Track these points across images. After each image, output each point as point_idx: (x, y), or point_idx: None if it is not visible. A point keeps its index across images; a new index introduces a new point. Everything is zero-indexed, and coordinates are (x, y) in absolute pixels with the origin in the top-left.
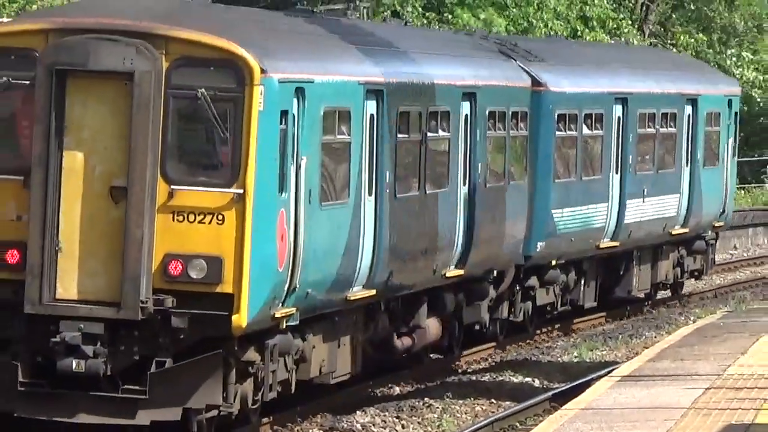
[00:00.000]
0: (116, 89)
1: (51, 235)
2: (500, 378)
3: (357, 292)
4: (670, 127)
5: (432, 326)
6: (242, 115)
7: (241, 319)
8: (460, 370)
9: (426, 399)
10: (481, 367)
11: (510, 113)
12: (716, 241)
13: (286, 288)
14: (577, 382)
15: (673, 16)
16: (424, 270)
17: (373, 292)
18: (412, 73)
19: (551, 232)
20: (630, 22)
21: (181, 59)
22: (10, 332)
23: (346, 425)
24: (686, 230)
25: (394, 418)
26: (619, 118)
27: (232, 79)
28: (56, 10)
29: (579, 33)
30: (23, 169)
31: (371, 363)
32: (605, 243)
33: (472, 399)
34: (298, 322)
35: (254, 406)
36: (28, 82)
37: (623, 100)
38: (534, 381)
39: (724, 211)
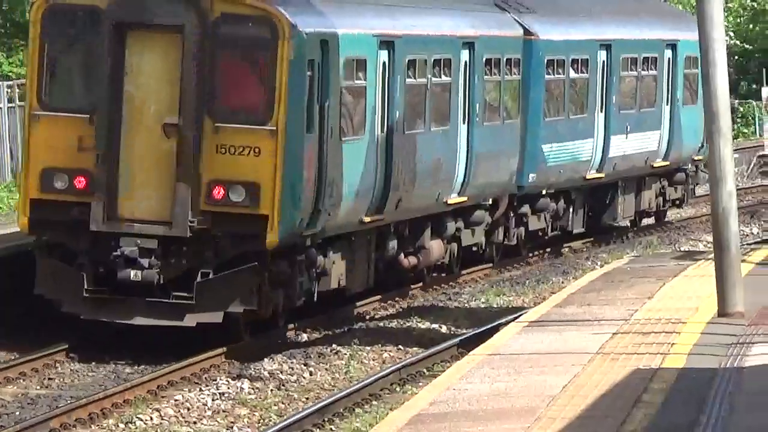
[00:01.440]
0: (169, 40)
1: (113, 163)
2: (408, 324)
3: (369, 217)
4: (651, 70)
5: (435, 247)
6: (276, 64)
7: (275, 236)
8: (368, 317)
9: (334, 345)
10: (388, 313)
11: (504, 60)
12: (696, 173)
13: (311, 211)
14: (485, 328)
15: None
16: (428, 197)
17: (384, 216)
18: (418, 25)
19: (541, 164)
20: None
21: (224, 15)
22: (77, 246)
23: (253, 372)
24: (667, 163)
25: (302, 365)
26: (603, 62)
27: (268, 33)
28: None
29: None
30: (90, 108)
31: (382, 279)
32: (591, 174)
33: (379, 345)
34: (320, 241)
35: (283, 312)
36: (92, 35)
37: (607, 46)
38: (441, 327)
39: (702, 146)
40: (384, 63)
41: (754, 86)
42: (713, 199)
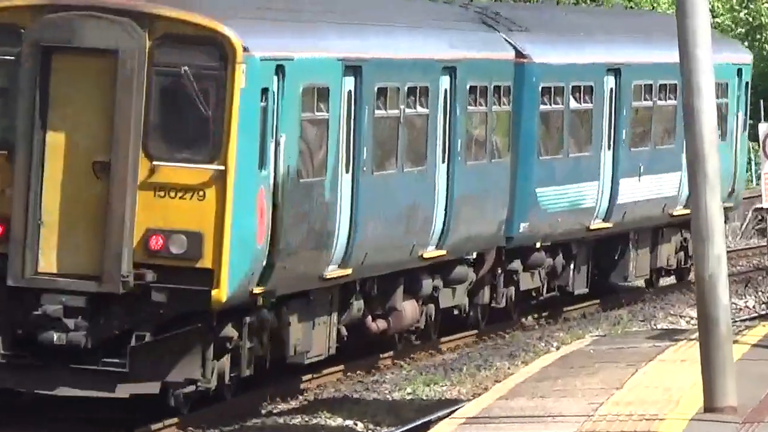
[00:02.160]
0: (100, 66)
1: (34, 209)
2: (314, 421)
3: (332, 271)
4: (670, 99)
5: (408, 309)
6: (224, 93)
7: (221, 294)
8: (263, 411)
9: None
10: (291, 406)
11: (492, 87)
12: (726, 224)
13: (263, 264)
14: (411, 426)
15: None
16: (400, 250)
17: (349, 271)
18: (390, 47)
19: (534, 211)
20: None
21: (165, 37)
22: None
23: None
24: (689, 211)
25: None
26: (611, 89)
27: (215, 57)
28: None
29: None
30: (8, 144)
31: (347, 345)
32: (596, 224)
33: None
34: (275, 299)
35: (230, 383)
36: (13, 58)
37: (616, 71)
38: (356, 425)
39: (733, 191)
40: (350, 92)
41: (750, 121)
42: (698, 265)
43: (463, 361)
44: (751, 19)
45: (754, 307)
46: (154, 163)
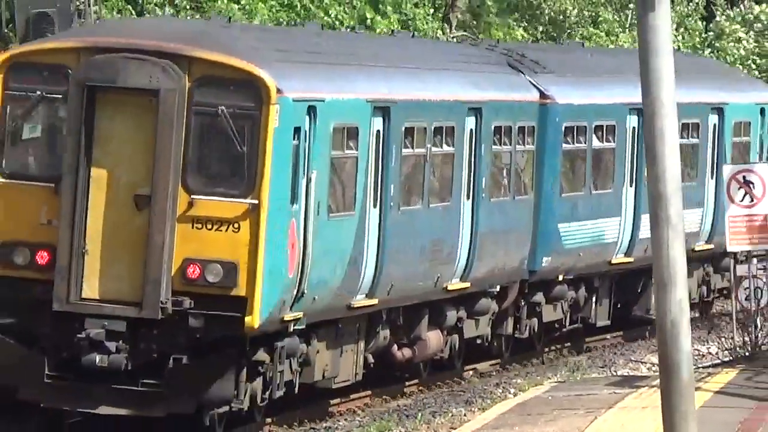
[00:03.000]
0: (142, 105)
1: (78, 238)
2: None
3: (360, 301)
4: (693, 137)
5: (433, 338)
6: (259, 132)
7: (254, 320)
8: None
9: None
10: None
11: (516, 127)
12: (747, 259)
13: (294, 293)
14: None
15: (488, 2)
16: (425, 282)
17: (375, 301)
18: (418, 89)
19: (557, 246)
20: (431, 9)
21: (204, 78)
22: (38, 329)
23: None
24: (711, 246)
25: None
26: (634, 129)
27: (250, 98)
28: (87, 30)
29: (369, 20)
30: (55, 177)
31: (374, 373)
32: (618, 258)
33: None
34: (304, 326)
35: (262, 404)
36: (60, 96)
37: (639, 110)
38: None
39: None
40: (378, 131)
41: None
42: (659, 310)
43: (418, 407)
44: (715, 59)
45: (717, 353)
46: (193, 196)
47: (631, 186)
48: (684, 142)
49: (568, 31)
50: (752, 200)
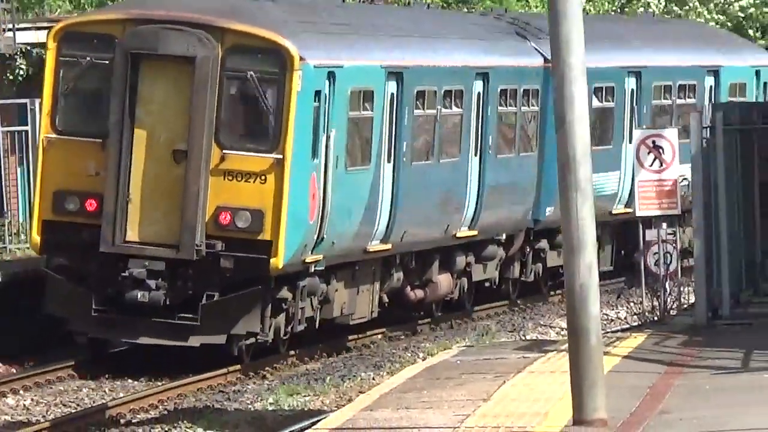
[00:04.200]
0: (180, 71)
1: (123, 188)
2: (175, 431)
3: (375, 246)
4: (689, 98)
5: (443, 281)
6: (283, 95)
7: (278, 261)
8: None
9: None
10: (149, 416)
11: (521, 90)
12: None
13: (315, 238)
14: None
15: None
16: (436, 230)
17: (389, 246)
18: (429, 56)
19: None
20: None
21: (234, 47)
22: (87, 268)
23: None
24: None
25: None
26: (632, 90)
27: (276, 65)
28: (132, 3)
29: None
30: (102, 134)
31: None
32: (618, 209)
33: None
34: (323, 268)
35: (285, 337)
36: (107, 62)
37: (636, 73)
38: None
39: None
40: (392, 94)
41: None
42: (568, 274)
43: (326, 371)
44: None
45: (625, 318)
46: (224, 152)
47: (630, 143)
48: (680, 102)
49: None
50: (662, 165)
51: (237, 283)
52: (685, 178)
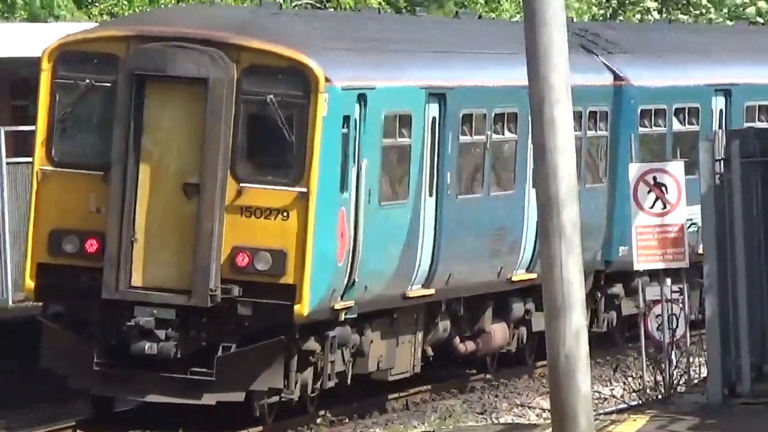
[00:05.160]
0: (191, 94)
1: (127, 226)
2: None
3: (415, 291)
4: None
5: (498, 331)
6: (307, 120)
7: (303, 308)
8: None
9: None
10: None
11: (587, 112)
12: None
13: (345, 281)
14: None
15: None
16: (487, 273)
17: (432, 291)
18: (477, 75)
19: None
20: None
21: (252, 67)
22: (87, 316)
23: None
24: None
25: None
26: (721, 111)
27: (298, 87)
28: (136, 18)
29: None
30: (103, 165)
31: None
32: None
33: None
34: (356, 315)
35: (313, 395)
36: (109, 85)
37: (726, 91)
38: None
39: None
40: (434, 118)
41: None
42: (550, 343)
43: None
44: None
45: (622, 396)
46: (241, 185)
47: None
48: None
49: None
50: (665, 207)
51: (257, 332)
52: (693, 223)
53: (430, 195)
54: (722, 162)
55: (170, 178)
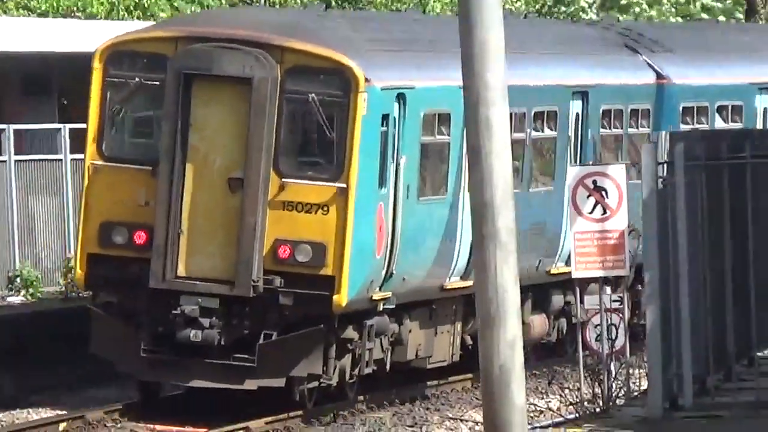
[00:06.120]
0: (236, 92)
1: (174, 219)
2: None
3: (454, 282)
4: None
5: (537, 322)
6: (347, 119)
7: (341, 299)
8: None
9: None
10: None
11: (628, 110)
12: None
13: (383, 273)
14: None
15: None
16: (525, 265)
17: (470, 283)
18: (516, 74)
19: None
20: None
21: (295, 67)
22: (136, 305)
23: None
24: None
25: None
26: (765, 109)
27: (339, 87)
28: (184, 20)
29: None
30: (152, 161)
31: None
32: None
33: None
34: (394, 306)
35: (351, 381)
36: (157, 83)
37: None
38: None
39: None
40: None
41: None
42: (483, 355)
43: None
44: None
45: (559, 409)
46: (284, 180)
47: None
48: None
49: None
50: (605, 212)
51: (297, 321)
52: (634, 229)
53: (468, 190)
54: (665, 165)
55: (215, 173)
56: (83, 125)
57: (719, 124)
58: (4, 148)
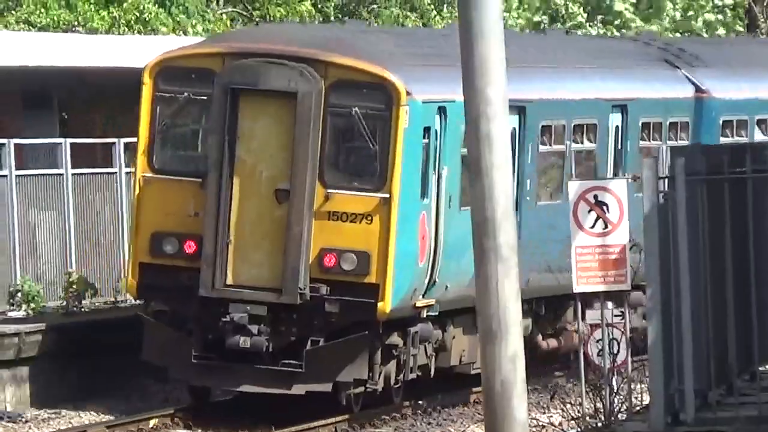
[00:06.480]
0: (282, 106)
1: (223, 229)
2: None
3: None
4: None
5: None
6: (389, 131)
7: (386, 306)
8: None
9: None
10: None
11: (667, 124)
12: None
13: (426, 281)
14: None
15: None
16: (565, 275)
17: None
18: (557, 88)
19: None
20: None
21: (338, 82)
22: (186, 312)
23: None
24: None
25: None
26: None
27: (382, 100)
28: (231, 36)
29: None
30: (201, 173)
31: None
32: None
33: None
34: (437, 313)
35: (396, 386)
36: (205, 98)
37: None
38: None
39: None
40: (513, 129)
41: None
42: (485, 368)
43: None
44: None
45: (560, 424)
46: (329, 191)
47: None
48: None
49: (368, 7)
50: (606, 227)
51: (343, 328)
52: (635, 243)
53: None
54: (666, 180)
55: (262, 184)
56: (83, 140)
57: (759, 137)
58: (4, 163)
